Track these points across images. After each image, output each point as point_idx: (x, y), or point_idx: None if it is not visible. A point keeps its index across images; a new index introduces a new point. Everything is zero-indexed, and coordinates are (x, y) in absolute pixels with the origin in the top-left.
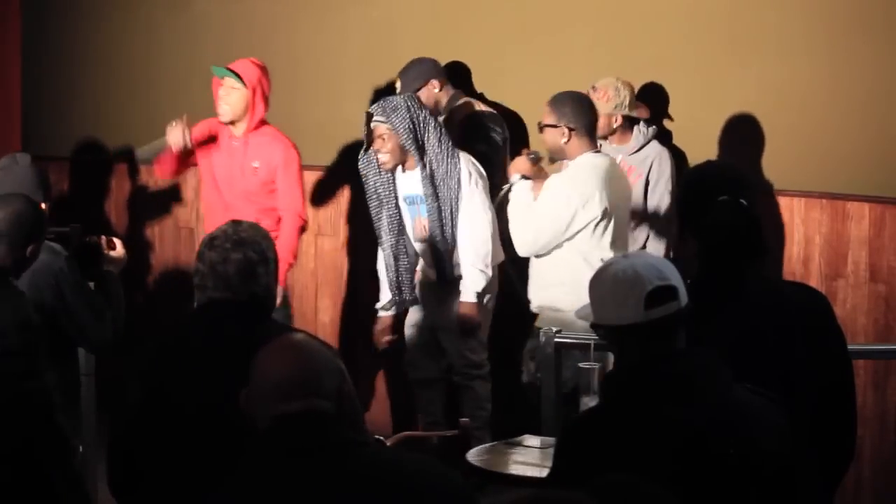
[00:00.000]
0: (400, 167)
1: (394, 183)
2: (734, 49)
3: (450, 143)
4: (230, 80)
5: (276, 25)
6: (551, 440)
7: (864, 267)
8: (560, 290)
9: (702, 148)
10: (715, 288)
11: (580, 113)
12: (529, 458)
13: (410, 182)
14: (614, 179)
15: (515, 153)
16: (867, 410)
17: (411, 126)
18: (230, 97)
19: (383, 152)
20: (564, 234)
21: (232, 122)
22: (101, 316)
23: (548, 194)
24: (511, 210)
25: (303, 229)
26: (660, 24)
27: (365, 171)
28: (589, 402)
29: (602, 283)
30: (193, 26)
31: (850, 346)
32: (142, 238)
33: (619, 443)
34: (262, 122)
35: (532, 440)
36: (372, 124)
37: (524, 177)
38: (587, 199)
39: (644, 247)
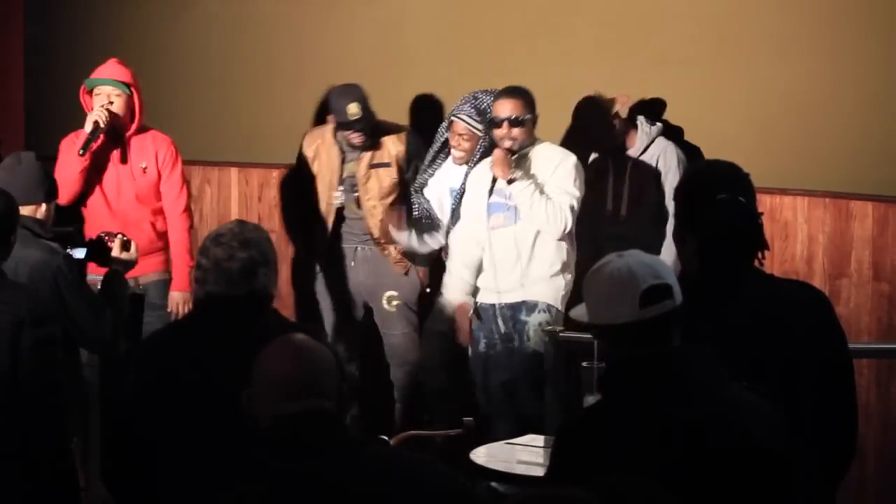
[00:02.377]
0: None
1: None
2: (737, 49)
3: None
4: (109, 88)
5: (282, 25)
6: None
7: (868, 266)
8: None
9: (704, 147)
10: (714, 286)
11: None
12: (533, 458)
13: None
14: None
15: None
16: (870, 409)
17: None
18: (116, 104)
19: (461, 149)
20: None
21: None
22: (99, 314)
23: (563, 176)
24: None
25: (190, 227)
26: (662, 25)
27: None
28: (591, 401)
29: (596, 282)
30: (198, 26)
31: (853, 345)
32: None
33: (615, 440)
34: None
35: (536, 440)
36: (456, 119)
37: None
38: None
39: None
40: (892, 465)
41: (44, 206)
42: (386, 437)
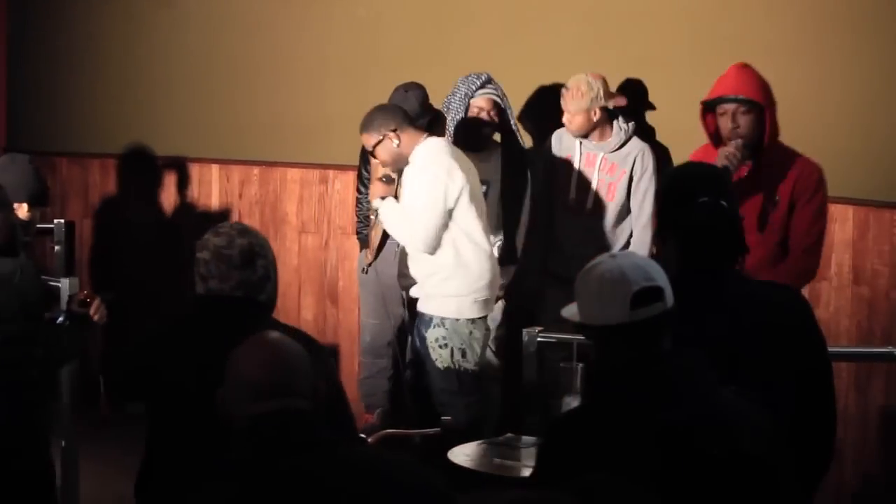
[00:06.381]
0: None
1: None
2: (721, 49)
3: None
4: (732, 107)
5: (260, 23)
6: (532, 439)
7: (848, 269)
8: (443, 274)
9: (688, 148)
10: (694, 289)
11: (389, 113)
12: (511, 458)
13: None
14: (456, 151)
15: None
16: (849, 413)
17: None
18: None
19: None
20: (446, 211)
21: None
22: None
23: (412, 188)
24: (391, 226)
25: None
26: (648, 23)
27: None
28: (571, 402)
29: (588, 283)
30: (177, 23)
31: (832, 349)
32: (126, 231)
33: (602, 442)
34: None
35: (513, 439)
36: (486, 96)
37: (383, 198)
38: (448, 168)
39: (628, 244)
40: (870, 468)
41: (25, 206)
42: (364, 436)
